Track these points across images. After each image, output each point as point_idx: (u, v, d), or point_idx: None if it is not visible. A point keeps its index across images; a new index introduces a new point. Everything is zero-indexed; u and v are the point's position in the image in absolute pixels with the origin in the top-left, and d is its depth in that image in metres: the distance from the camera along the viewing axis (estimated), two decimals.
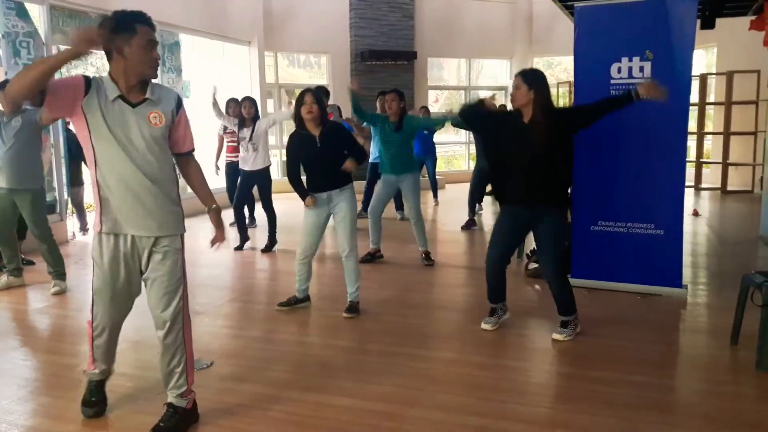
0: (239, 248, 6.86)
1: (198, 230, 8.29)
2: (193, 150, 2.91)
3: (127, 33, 2.53)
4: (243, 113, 6.80)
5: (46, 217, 5.34)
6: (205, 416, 2.96)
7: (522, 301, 4.82)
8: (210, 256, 6.81)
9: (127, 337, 4.03)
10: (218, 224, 2.99)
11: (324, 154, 4.27)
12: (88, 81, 2.56)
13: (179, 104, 2.74)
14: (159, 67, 2.64)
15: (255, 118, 6.79)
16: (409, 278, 5.56)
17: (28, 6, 6.99)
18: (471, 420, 2.90)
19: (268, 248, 6.76)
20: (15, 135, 4.92)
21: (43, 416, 3.06)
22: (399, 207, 8.62)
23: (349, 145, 4.40)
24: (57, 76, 2.45)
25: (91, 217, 7.70)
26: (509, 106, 3.96)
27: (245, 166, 6.83)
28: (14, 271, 5.35)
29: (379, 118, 5.94)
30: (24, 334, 4.26)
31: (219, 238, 3.02)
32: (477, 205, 8.20)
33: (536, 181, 3.73)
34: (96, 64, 13.07)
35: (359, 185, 7.99)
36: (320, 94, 4.36)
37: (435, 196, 10.16)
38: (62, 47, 7.93)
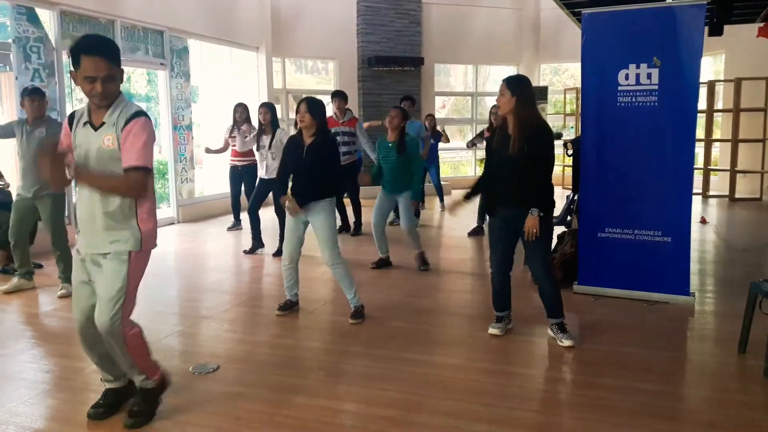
0: (250, 252, 6.84)
1: (206, 234, 8.33)
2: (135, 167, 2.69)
3: (75, 66, 2.64)
4: (260, 119, 6.72)
5: (65, 222, 5.41)
6: (211, 420, 2.96)
7: (528, 308, 4.80)
8: (216, 260, 6.84)
9: None
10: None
11: (307, 165, 4.34)
12: (70, 118, 2.82)
13: (128, 120, 2.67)
14: (102, 98, 2.63)
15: (273, 124, 6.67)
16: (415, 284, 5.56)
17: (38, 11, 7.06)
18: (477, 426, 2.89)
19: (280, 252, 6.72)
20: (38, 144, 4.99)
21: (50, 419, 3.07)
22: (416, 215, 8.58)
23: (332, 166, 4.42)
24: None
25: None
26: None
27: (263, 173, 6.75)
28: (26, 274, 5.40)
29: (381, 141, 5.97)
30: (32, 336, 4.28)
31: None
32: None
33: (514, 184, 3.82)
34: None
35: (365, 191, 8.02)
36: (319, 105, 4.36)
37: (441, 201, 10.16)
38: None
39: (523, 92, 3.79)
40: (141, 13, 8.41)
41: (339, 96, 7.56)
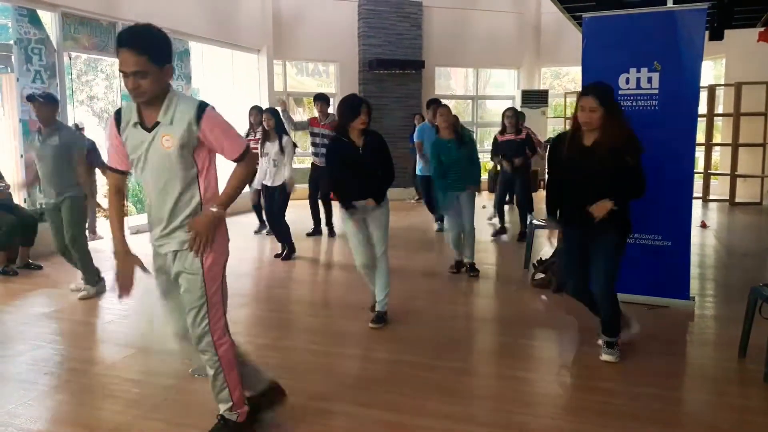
0: (287, 258, 6.73)
1: None
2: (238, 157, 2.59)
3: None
4: (264, 125, 6.63)
5: (83, 223, 5.38)
6: (211, 423, 2.95)
7: (529, 312, 4.81)
8: None
9: (133, 344, 4.07)
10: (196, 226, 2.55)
11: (370, 163, 4.23)
12: (117, 118, 2.59)
13: (199, 116, 2.49)
14: (138, 95, 2.43)
15: (278, 130, 6.56)
16: (417, 287, 5.56)
17: (40, 13, 7.08)
18: (477, 430, 2.89)
19: (288, 256, 6.73)
20: (53, 152, 5.01)
21: (49, 420, 3.07)
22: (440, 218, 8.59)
23: (390, 160, 4.35)
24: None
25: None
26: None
27: (266, 180, 6.65)
28: (100, 279, 5.35)
29: (437, 144, 5.77)
30: (31, 338, 4.27)
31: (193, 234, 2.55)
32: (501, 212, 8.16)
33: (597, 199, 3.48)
34: (106, 71, 13.20)
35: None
36: (369, 105, 4.30)
37: None
38: (73, 54, 8.05)
39: (611, 101, 3.47)
40: (142, 15, 8.40)
41: (322, 99, 7.71)
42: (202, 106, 2.50)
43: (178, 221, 2.55)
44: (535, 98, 13.12)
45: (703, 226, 8.51)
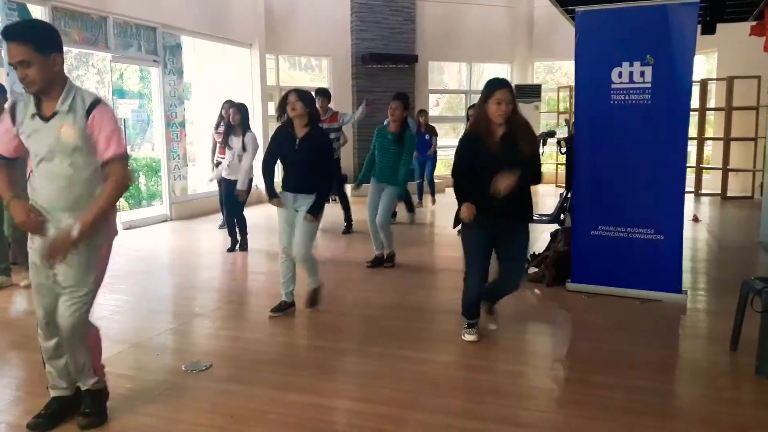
0: (231, 250, 6.80)
1: (199, 232, 8.30)
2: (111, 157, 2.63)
3: None
4: (230, 120, 6.64)
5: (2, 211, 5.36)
6: (204, 419, 2.95)
7: (522, 306, 4.81)
8: (209, 258, 6.82)
9: (126, 339, 4.05)
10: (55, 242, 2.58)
11: (302, 156, 4.31)
12: (12, 111, 2.65)
13: (90, 109, 2.57)
14: (27, 86, 2.51)
15: (244, 126, 6.59)
16: (409, 281, 5.56)
17: (30, 7, 7.01)
18: (470, 424, 2.90)
19: (242, 248, 6.80)
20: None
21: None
22: (411, 210, 8.65)
23: (328, 158, 4.48)
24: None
25: None
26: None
27: (225, 174, 6.70)
28: (5, 270, 5.37)
29: (380, 130, 6.03)
30: (18, 334, 4.24)
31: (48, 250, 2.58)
32: None
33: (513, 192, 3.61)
34: (97, 66, 13.12)
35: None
36: (308, 95, 4.38)
37: (432, 195, 10.24)
38: (65, 48, 7.98)
39: (514, 93, 3.69)
40: (133, 9, 8.36)
41: (322, 94, 7.59)
42: (97, 100, 2.59)
43: (67, 214, 2.61)
44: (529, 93, 13.11)
45: (695, 220, 8.55)
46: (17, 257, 5.39)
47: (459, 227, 3.87)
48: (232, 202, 6.74)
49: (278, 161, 4.55)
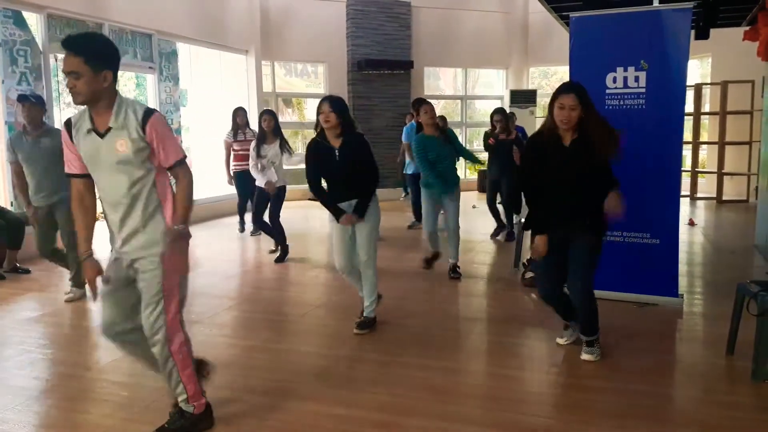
0: (280, 260, 6.63)
1: (196, 238, 8.27)
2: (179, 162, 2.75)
3: None
4: (263, 127, 6.54)
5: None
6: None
7: (519, 311, 4.82)
8: (207, 264, 6.80)
9: None
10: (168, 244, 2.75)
11: (346, 169, 4.08)
12: (68, 127, 2.69)
13: (145, 120, 2.62)
14: (74, 96, 2.57)
15: (276, 132, 6.53)
16: (406, 287, 5.56)
17: (25, 14, 7.01)
18: (469, 429, 2.90)
19: (282, 258, 6.66)
20: (44, 154, 4.99)
21: (38, 425, 3.05)
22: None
23: (371, 164, 4.17)
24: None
25: None
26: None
27: (262, 182, 6.57)
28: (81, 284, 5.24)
29: (423, 141, 5.65)
30: (20, 342, 4.23)
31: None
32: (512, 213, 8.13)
33: (580, 201, 3.50)
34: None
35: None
36: (341, 102, 4.13)
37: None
38: (59, 56, 7.97)
39: (589, 99, 3.44)
40: (129, 16, 8.38)
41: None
42: (149, 111, 2.64)
43: (137, 223, 2.68)
44: (524, 98, 13.16)
45: (691, 223, 8.58)
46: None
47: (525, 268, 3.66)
48: (271, 211, 6.64)
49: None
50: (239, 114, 7.96)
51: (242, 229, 8.36)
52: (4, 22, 6.71)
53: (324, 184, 4.31)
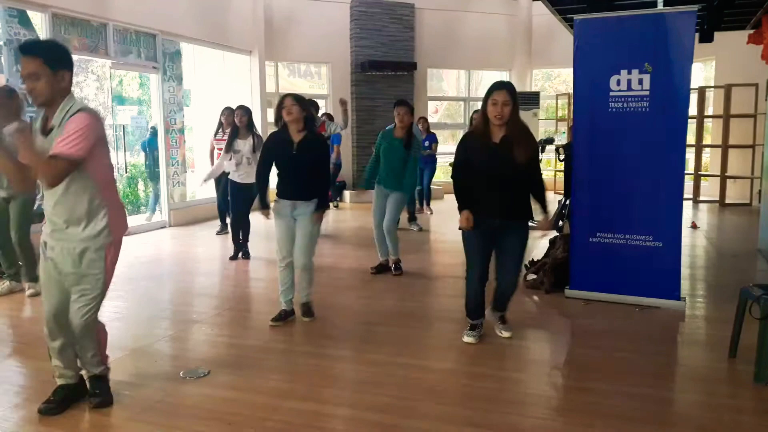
0: (234, 258, 6.75)
1: (198, 238, 8.30)
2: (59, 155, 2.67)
3: None
4: (235, 122, 6.66)
5: (30, 223, 5.38)
6: (201, 426, 2.94)
7: (521, 313, 4.81)
8: (208, 264, 6.81)
9: (125, 346, 4.05)
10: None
11: (301, 162, 4.25)
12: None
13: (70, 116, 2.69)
14: (34, 98, 2.65)
15: (250, 127, 6.63)
16: (406, 288, 5.55)
17: (30, 14, 7.03)
18: (467, 430, 2.89)
19: (245, 256, 6.76)
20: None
21: (37, 423, 3.04)
22: (412, 219, 8.71)
23: (323, 163, 4.45)
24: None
25: None
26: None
27: (236, 177, 6.65)
28: (15, 275, 5.37)
29: (386, 135, 5.93)
30: (19, 341, 4.24)
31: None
32: None
33: (510, 194, 3.79)
34: (96, 72, 13.14)
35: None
36: (302, 99, 4.36)
37: (428, 204, 10.25)
38: None
39: (517, 97, 3.76)
40: (133, 16, 8.39)
41: (309, 104, 7.53)
42: (81, 108, 2.70)
43: (75, 218, 2.81)
44: (527, 100, 13.15)
45: (694, 226, 8.56)
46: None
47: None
48: (239, 207, 6.72)
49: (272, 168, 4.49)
50: (224, 113, 7.99)
51: (224, 230, 8.28)
52: (9, 21, 6.73)
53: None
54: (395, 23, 12.51)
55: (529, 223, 3.92)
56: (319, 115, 7.78)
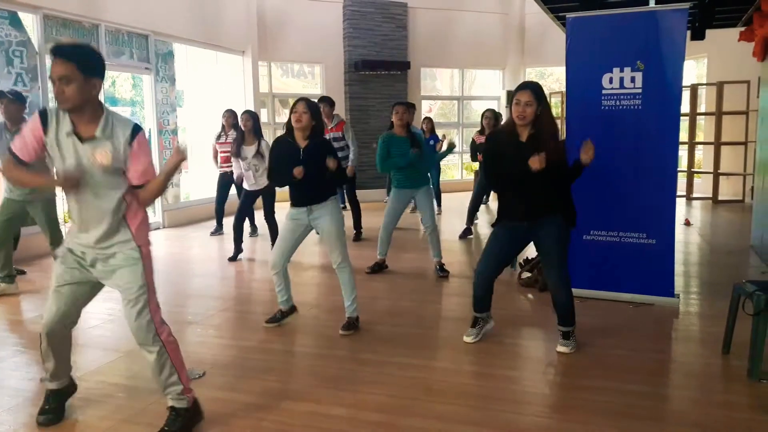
0: (233, 259, 6.74)
1: (192, 239, 8.28)
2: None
3: None
4: (242, 127, 6.57)
5: (58, 221, 5.57)
6: (198, 427, 2.94)
7: (515, 311, 4.83)
8: (202, 266, 6.80)
9: (118, 348, 4.04)
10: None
11: (307, 169, 4.10)
12: (43, 117, 2.69)
13: (133, 136, 2.70)
14: (62, 102, 2.58)
15: (256, 132, 6.53)
16: (403, 287, 5.56)
17: (21, 15, 6.99)
18: (466, 429, 2.90)
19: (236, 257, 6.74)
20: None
21: (34, 427, 3.03)
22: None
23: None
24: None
25: None
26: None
27: (247, 185, 6.61)
28: (6, 277, 5.35)
29: (388, 138, 5.75)
30: (15, 343, 4.23)
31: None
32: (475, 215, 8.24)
33: (539, 195, 3.69)
34: None
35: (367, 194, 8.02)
36: (316, 106, 4.24)
37: (438, 204, 10.23)
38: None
39: (545, 98, 3.67)
40: (125, 17, 8.36)
41: (326, 102, 7.45)
42: (136, 128, 2.71)
43: (106, 228, 2.78)
44: None
45: (687, 223, 8.60)
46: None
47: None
48: (249, 211, 6.73)
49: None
50: (225, 115, 7.98)
51: (218, 231, 8.30)
52: (0, 23, 6.70)
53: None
54: (388, 22, 12.51)
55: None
56: (334, 113, 7.69)
